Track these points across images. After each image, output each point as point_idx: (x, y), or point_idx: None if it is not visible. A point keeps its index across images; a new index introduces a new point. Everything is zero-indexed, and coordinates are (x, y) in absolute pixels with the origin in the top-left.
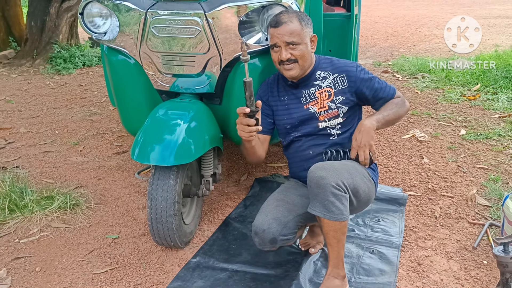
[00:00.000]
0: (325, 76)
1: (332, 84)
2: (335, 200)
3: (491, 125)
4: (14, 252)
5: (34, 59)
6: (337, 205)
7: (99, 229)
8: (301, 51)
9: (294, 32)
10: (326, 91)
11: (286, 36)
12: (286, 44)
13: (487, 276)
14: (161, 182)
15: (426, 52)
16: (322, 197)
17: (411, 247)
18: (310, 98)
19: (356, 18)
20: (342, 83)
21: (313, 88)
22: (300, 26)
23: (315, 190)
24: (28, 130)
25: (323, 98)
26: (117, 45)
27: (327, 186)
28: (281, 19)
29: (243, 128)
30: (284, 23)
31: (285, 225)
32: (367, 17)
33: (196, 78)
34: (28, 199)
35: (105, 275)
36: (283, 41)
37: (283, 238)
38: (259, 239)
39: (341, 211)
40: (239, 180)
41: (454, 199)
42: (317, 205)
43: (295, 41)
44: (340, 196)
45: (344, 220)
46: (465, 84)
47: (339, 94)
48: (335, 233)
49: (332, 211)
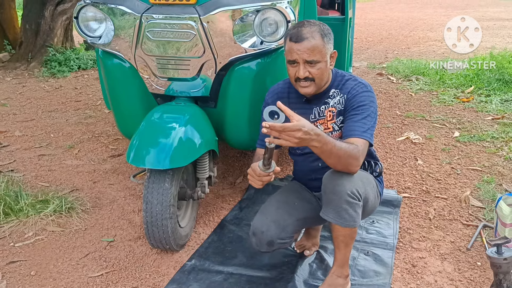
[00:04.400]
0: (335, 94)
1: (336, 104)
2: (349, 208)
3: (485, 127)
4: (9, 256)
5: (29, 62)
6: (350, 213)
7: (95, 233)
8: (320, 70)
9: (315, 49)
10: (331, 110)
11: (307, 54)
12: (306, 61)
13: (481, 277)
14: (156, 185)
15: (420, 54)
16: (336, 203)
17: (406, 248)
18: (319, 116)
19: (350, 21)
20: (342, 104)
21: (323, 106)
22: (322, 42)
23: (330, 196)
24: (23, 133)
25: (327, 118)
26: (112, 49)
27: (342, 193)
28: (303, 34)
29: (256, 182)
30: (306, 39)
31: (283, 228)
32: (361, 19)
33: (191, 82)
34: (23, 202)
35: (101, 278)
36: (302, 59)
37: (281, 241)
38: (256, 239)
39: (353, 218)
40: (234, 182)
41: (448, 201)
42: (330, 211)
43: (316, 60)
44: (354, 204)
45: (355, 227)
46: (459, 86)
47: (339, 115)
48: (344, 238)
49: (345, 218)
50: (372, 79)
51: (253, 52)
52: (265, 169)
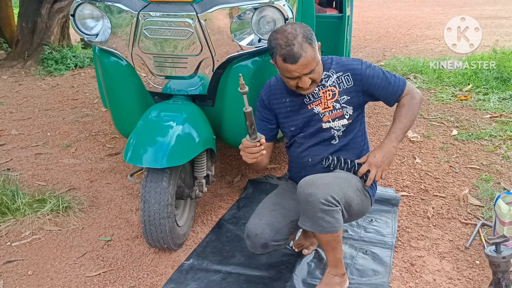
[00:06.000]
0: (328, 75)
1: (336, 83)
2: (325, 215)
3: (483, 125)
4: (6, 255)
5: (25, 61)
6: (327, 219)
7: (92, 232)
8: (318, 72)
9: (310, 61)
10: (330, 90)
11: (306, 69)
12: (305, 74)
13: (480, 276)
14: (154, 184)
15: (418, 52)
16: (312, 213)
17: (404, 247)
18: (314, 98)
19: (348, 19)
20: (347, 82)
21: (316, 88)
22: (312, 49)
23: (304, 206)
24: (19, 132)
25: (327, 98)
26: (109, 46)
27: (315, 202)
28: (295, 53)
29: (246, 155)
30: (300, 57)
31: (278, 231)
32: (359, 17)
33: (189, 80)
34: (20, 201)
35: (98, 278)
36: (302, 74)
37: (275, 243)
38: (250, 242)
39: (331, 224)
40: (232, 181)
41: (446, 199)
42: (307, 220)
43: (313, 68)
44: (330, 211)
45: (337, 232)
46: (457, 85)
47: (343, 94)
48: (329, 243)
49: (322, 225)
50: None
51: (251, 50)
52: (251, 139)
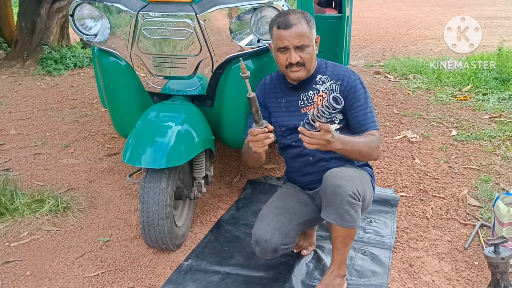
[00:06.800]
0: (323, 81)
1: (327, 90)
2: (350, 209)
3: (482, 125)
4: (4, 256)
5: (24, 61)
6: (351, 213)
7: (91, 232)
8: (309, 54)
9: (304, 34)
10: (321, 96)
11: (296, 40)
12: (296, 47)
13: (478, 277)
14: (152, 184)
15: (417, 52)
16: (338, 205)
17: (403, 248)
18: (308, 102)
19: (348, 19)
20: (336, 91)
21: (311, 92)
22: (308, 27)
23: (331, 197)
24: (18, 132)
25: (319, 103)
26: (108, 47)
27: (344, 194)
28: (290, 21)
29: (257, 143)
30: (294, 25)
31: (286, 235)
32: (358, 18)
33: (188, 80)
34: (19, 202)
35: (97, 278)
36: (293, 45)
37: (285, 247)
38: (260, 248)
39: (354, 219)
40: (231, 182)
41: (445, 200)
42: (332, 212)
43: (305, 44)
44: (355, 205)
45: (355, 227)
46: (456, 85)
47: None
48: (344, 239)
49: (346, 219)
50: (369, 78)
51: (250, 50)
52: (258, 126)
